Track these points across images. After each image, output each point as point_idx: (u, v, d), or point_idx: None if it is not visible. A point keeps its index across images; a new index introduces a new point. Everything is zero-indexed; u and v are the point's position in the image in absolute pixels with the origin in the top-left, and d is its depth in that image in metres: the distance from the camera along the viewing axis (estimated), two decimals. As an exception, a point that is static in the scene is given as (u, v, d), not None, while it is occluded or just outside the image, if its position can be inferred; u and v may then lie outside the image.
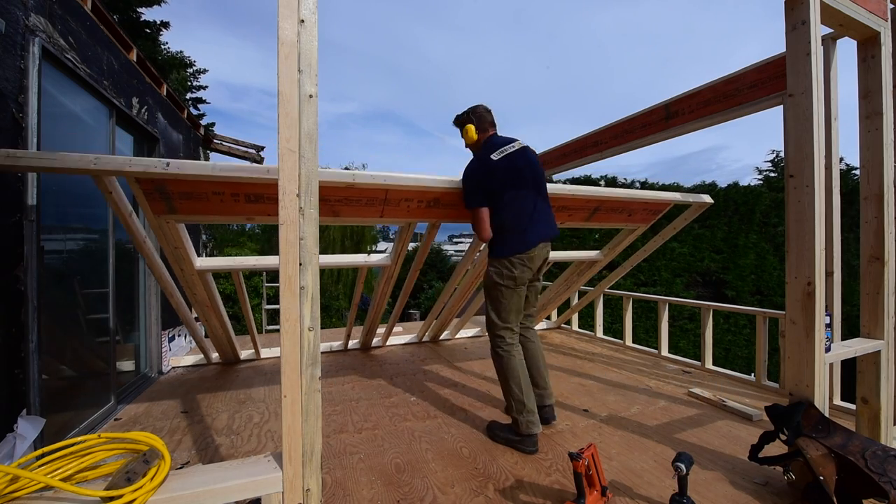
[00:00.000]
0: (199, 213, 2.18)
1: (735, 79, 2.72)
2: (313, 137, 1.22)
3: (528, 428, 2.12)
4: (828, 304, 1.93)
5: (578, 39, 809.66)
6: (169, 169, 1.83)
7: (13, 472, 0.97)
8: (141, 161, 1.84)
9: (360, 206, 2.35)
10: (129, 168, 1.81)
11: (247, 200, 2.13)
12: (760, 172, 14.49)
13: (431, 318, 4.37)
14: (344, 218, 2.43)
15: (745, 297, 9.25)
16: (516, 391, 2.18)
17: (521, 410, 2.15)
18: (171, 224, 2.27)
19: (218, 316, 3.19)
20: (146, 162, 1.83)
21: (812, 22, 1.74)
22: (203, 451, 2.16)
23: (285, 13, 1.18)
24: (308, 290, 1.21)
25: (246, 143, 5.76)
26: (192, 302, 3.02)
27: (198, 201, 2.09)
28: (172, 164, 1.85)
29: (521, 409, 2.15)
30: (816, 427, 1.66)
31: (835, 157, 2.41)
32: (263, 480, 1.17)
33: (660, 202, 3.15)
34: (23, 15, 1.93)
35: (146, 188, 1.96)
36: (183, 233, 2.42)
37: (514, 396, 2.18)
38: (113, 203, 2.11)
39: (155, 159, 1.84)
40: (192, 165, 1.91)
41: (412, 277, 3.51)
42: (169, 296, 2.95)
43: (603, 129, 3.88)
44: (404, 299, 3.81)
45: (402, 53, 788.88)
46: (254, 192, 2.09)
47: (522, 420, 2.13)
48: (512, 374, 2.21)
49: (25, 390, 1.87)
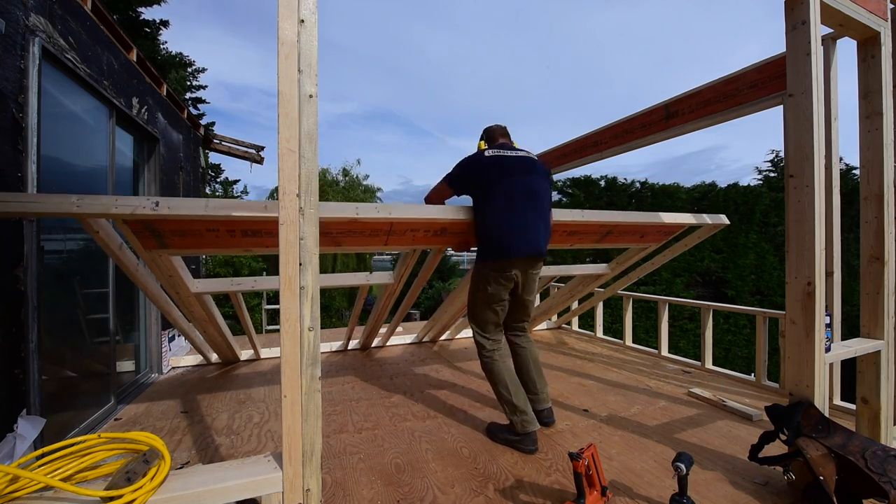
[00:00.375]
0: (193, 247, 2.08)
1: (735, 79, 2.72)
2: (313, 137, 1.22)
3: (524, 427, 2.12)
4: (828, 304, 1.93)
5: (578, 39, 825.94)
6: (158, 209, 1.66)
7: (13, 472, 0.97)
8: (128, 202, 1.66)
9: (364, 237, 2.29)
10: (114, 210, 1.63)
11: (243, 235, 2.02)
12: (760, 172, 14.49)
13: (431, 324, 4.37)
14: (347, 247, 2.39)
15: (745, 297, 9.25)
16: (504, 394, 2.19)
17: (514, 411, 2.15)
18: (164, 256, 2.16)
19: (217, 328, 3.18)
20: (133, 202, 1.66)
21: (812, 22, 1.74)
22: (203, 451, 2.16)
23: (285, 13, 1.18)
24: (308, 290, 1.21)
25: (246, 143, 5.76)
26: (189, 318, 2.98)
27: (191, 237, 1.97)
28: (162, 203, 1.67)
29: (513, 409, 2.15)
30: (816, 427, 1.66)
31: (835, 157, 2.41)
32: (263, 480, 1.17)
33: (674, 225, 3.00)
34: (23, 15, 1.93)
35: (135, 228, 1.83)
36: (177, 261, 2.32)
37: (503, 399, 2.20)
38: (101, 241, 1.97)
39: (143, 198, 1.67)
40: (183, 205, 1.74)
41: (414, 293, 3.50)
42: (166, 314, 2.89)
43: (603, 129, 3.88)
44: (404, 311, 3.82)
45: (402, 53, 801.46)
46: (251, 227, 1.97)
47: (516, 420, 2.14)
48: (497, 377, 2.22)
49: (25, 390, 1.87)
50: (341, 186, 17.57)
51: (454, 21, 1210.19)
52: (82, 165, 2.56)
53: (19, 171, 1.88)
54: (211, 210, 1.74)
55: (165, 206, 1.68)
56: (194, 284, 2.63)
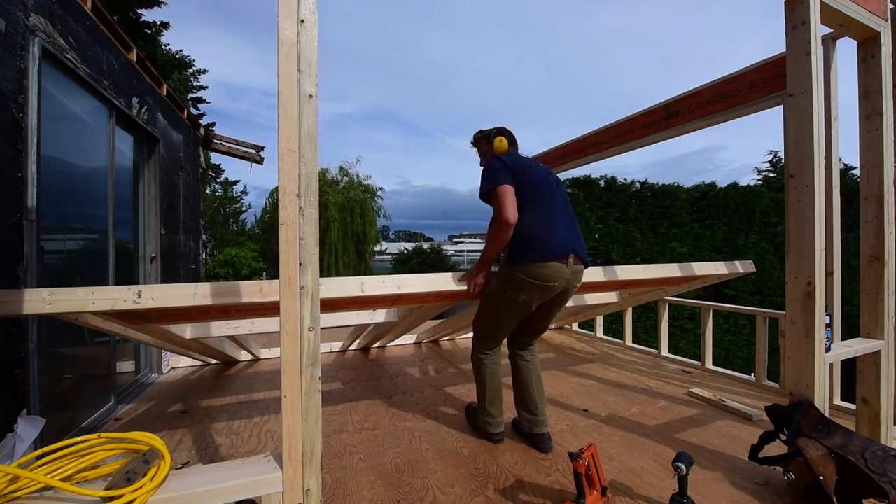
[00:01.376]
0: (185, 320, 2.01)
1: (735, 79, 2.72)
2: (313, 137, 1.22)
3: (485, 427, 2.20)
4: (828, 304, 1.93)
5: (577, 39, 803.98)
6: (141, 302, 1.47)
7: (13, 472, 0.97)
8: (107, 294, 1.45)
9: (369, 304, 2.26)
10: (92, 306, 1.44)
11: (238, 311, 1.97)
12: (759, 172, 14.49)
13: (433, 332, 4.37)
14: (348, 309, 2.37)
15: (745, 297, 9.25)
16: (480, 396, 2.22)
17: (482, 411, 2.22)
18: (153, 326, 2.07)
19: (215, 352, 3.17)
20: (113, 294, 1.46)
21: (812, 22, 1.74)
22: (203, 451, 2.16)
23: (285, 13, 1.18)
24: (308, 290, 1.21)
25: (246, 143, 5.75)
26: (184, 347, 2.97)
27: (181, 316, 1.88)
28: (145, 293, 1.48)
29: (482, 410, 2.22)
30: (816, 427, 1.66)
31: (835, 157, 2.41)
32: (263, 480, 1.17)
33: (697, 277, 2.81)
34: (23, 15, 1.92)
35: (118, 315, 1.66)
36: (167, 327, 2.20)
37: (478, 398, 2.25)
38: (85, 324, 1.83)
39: (123, 289, 1.46)
40: (169, 294, 1.53)
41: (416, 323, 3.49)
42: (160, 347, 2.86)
43: (603, 129, 3.88)
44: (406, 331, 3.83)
45: (401, 53, 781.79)
46: (247, 306, 1.84)
47: (481, 418, 2.22)
48: (482, 381, 2.19)
49: (25, 390, 1.87)
50: (341, 186, 17.58)
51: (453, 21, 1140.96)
52: (82, 165, 2.56)
53: (19, 171, 1.88)
54: (200, 299, 1.56)
55: (149, 298, 1.48)
56: (187, 332, 2.59)
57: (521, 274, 1.90)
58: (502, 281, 1.98)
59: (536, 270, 1.88)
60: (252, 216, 26.42)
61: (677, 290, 3.29)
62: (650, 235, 9.20)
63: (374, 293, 1.83)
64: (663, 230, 9.24)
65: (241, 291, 1.62)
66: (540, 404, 2.16)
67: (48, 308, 1.42)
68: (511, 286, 1.94)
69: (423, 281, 2.00)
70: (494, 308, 2.07)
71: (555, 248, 1.90)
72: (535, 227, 1.91)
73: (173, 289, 1.54)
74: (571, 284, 2.00)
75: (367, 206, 17.45)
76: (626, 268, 2.48)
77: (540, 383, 2.22)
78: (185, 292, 1.54)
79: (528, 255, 1.88)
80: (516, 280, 1.92)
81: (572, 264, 1.95)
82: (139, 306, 1.47)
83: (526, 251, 1.89)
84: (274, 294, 1.61)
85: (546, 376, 3.23)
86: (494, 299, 2.05)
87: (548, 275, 1.89)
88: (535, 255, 1.88)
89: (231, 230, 18.04)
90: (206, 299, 1.57)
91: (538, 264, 1.88)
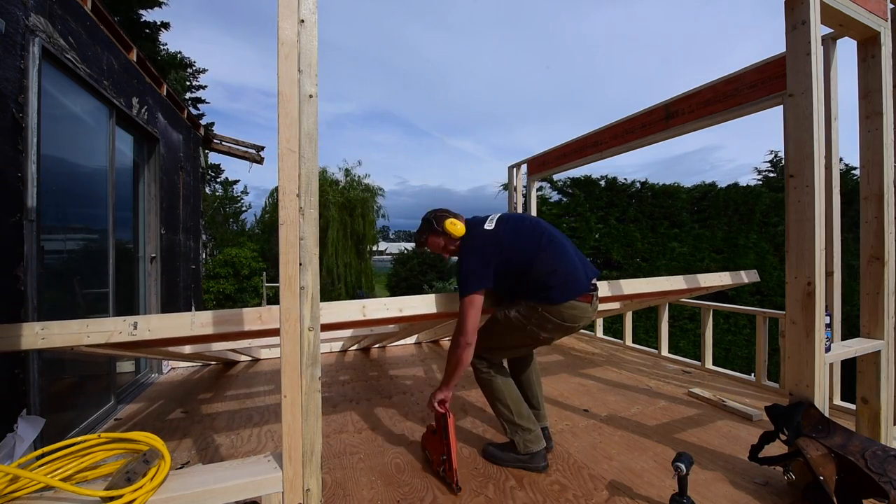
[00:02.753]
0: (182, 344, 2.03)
1: (735, 79, 2.72)
2: (313, 137, 1.22)
3: (527, 447, 1.91)
4: (828, 304, 1.93)
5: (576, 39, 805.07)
6: (137, 333, 1.44)
7: (13, 472, 0.97)
8: (101, 327, 1.42)
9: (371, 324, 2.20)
10: (87, 339, 1.40)
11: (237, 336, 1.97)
12: (760, 172, 14.50)
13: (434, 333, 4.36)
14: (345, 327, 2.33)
15: (745, 297, 9.24)
16: (504, 411, 1.95)
17: (516, 430, 1.94)
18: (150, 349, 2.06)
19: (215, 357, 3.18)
20: (108, 327, 1.42)
21: (812, 22, 1.73)
22: (203, 451, 2.16)
23: (285, 13, 1.18)
24: (308, 290, 1.21)
25: (246, 143, 5.75)
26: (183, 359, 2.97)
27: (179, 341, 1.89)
28: (142, 324, 1.44)
29: (515, 428, 1.94)
30: (816, 427, 1.66)
31: (835, 157, 2.41)
32: (263, 480, 1.17)
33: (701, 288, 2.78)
34: (23, 15, 1.93)
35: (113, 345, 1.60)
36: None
37: (504, 417, 1.96)
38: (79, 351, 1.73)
39: (119, 321, 1.43)
40: (166, 324, 1.49)
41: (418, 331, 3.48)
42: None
43: (603, 129, 3.88)
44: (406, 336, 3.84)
45: (400, 53, 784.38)
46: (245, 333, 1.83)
47: (519, 440, 1.93)
48: (496, 393, 1.97)
49: (25, 390, 1.87)
50: (341, 186, 17.58)
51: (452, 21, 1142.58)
52: (82, 165, 2.56)
53: (19, 171, 1.88)
54: (198, 328, 1.52)
55: (145, 329, 1.45)
56: (186, 349, 2.61)
57: (548, 314, 1.82)
58: (524, 316, 1.86)
59: (564, 311, 1.82)
60: (252, 216, 26.45)
61: (679, 298, 3.28)
62: (650, 235, 9.19)
63: (376, 316, 1.79)
64: (664, 230, 9.23)
65: (240, 320, 1.58)
66: (540, 397, 2.18)
67: (41, 343, 1.38)
68: (534, 323, 1.86)
69: (426, 302, 1.95)
70: (510, 337, 1.95)
71: (581, 283, 1.84)
72: (556, 268, 1.83)
73: (170, 318, 1.51)
74: (590, 317, 1.94)
75: (367, 206, 17.45)
76: (631, 282, 2.42)
77: (538, 376, 2.21)
78: (182, 322, 1.51)
79: (556, 297, 1.80)
80: (542, 318, 1.84)
81: (595, 301, 1.92)
82: (135, 338, 1.44)
83: (553, 293, 1.81)
84: (273, 321, 1.59)
85: (545, 376, 3.23)
86: (512, 330, 1.91)
87: (575, 315, 1.84)
88: (563, 295, 1.81)
89: (231, 230, 18.04)
90: (205, 329, 1.53)
91: (567, 304, 1.82)
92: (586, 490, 1.75)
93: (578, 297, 1.83)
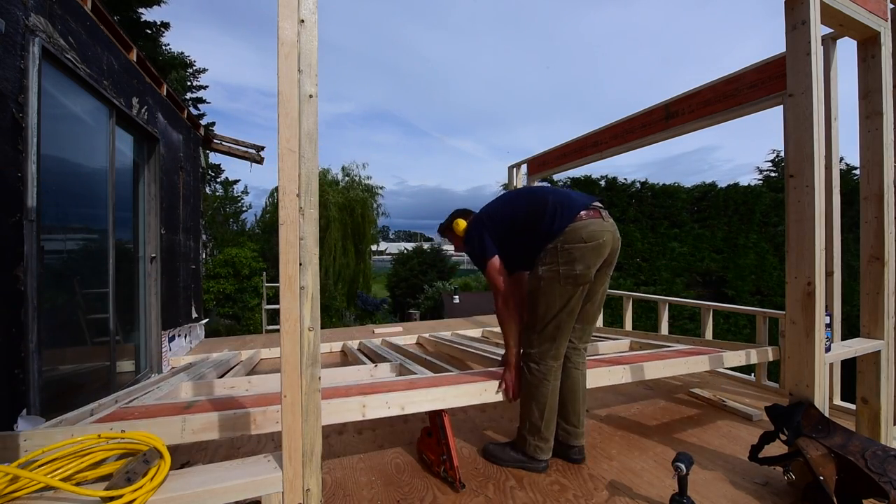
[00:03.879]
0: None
1: (735, 79, 2.72)
2: (313, 137, 1.22)
3: (535, 452, 1.86)
4: (828, 304, 1.93)
5: (575, 39, 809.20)
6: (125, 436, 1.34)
7: (13, 472, 0.97)
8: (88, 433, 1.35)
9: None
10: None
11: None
12: (761, 172, 14.50)
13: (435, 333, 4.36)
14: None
15: (745, 297, 9.25)
16: (535, 415, 1.85)
17: (534, 433, 1.86)
18: None
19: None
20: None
21: (812, 22, 1.73)
22: (203, 451, 2.16)
23: (285, 13, 1.18)
24: (308, 290, 1.21)
25: (246, 143, 5.76)
26: None
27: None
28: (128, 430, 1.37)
29: (535, 432, 1.86)
30: (816, 427, 1.66)
31: (835, 157, 2.41)
32: (263, 480, 1.17)
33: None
34: (23, 15, 1.93)
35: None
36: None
37: (530, 419, 1.87)
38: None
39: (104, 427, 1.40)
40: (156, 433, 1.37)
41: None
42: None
43: (603, 129, 3.88)
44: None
45: (400, 53, 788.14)
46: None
47: (532, 443, 1.86)
48: (539, 398, 1.85)
49: (25, 390, 1.87)
50: (341, 186, 17.58)
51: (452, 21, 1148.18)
52: (82, 165, 2.56)
53: (19, 171, 1.88)
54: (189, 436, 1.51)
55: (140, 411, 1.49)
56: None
57: (567, 243, 1.74)
58: (549, 264, 1.77)
59: (579, 231, 1.74)
60: (252, 216, 26.45)
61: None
62: (650, 235, 9.20)
63: (376, 416, 1.73)
64: (664, 230, 9.24)
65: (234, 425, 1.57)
66: (582, 415, 1.99)
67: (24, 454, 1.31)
68: (562, 263, 1.74)
69: (431, 396, 1.81)
70: (551, 299, 1.78)
71: (577, 202, 1.80)
72: (547, 200, 1.83)
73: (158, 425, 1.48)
74: (616, 240, 1.85)
75: (367, 206, 17.44)
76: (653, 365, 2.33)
77: (585, 392, 2.02)
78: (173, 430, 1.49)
79: (560, 224, 1.75)
80: (564, 253, 1.73)
81: (607, 216, 1.83)
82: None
83: (556, 222, 1.76)
84: (269, 425, 1.59)
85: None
86: (549, 290, 1.78)
87: (594, 231, 1.74)
88: (566, 218, 1.75)
89: (231, 230, 18.03)
90: (197, 435, 1.52)
91: (576, 224, 1.74)
92: (586, 490, 1.75)
93: (584, 215, 1.76)
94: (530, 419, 1.88)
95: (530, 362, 1.88)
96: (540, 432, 1.86)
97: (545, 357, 1.85)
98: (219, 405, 1.70)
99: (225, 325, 11.59)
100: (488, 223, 1.99)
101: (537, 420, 1.85)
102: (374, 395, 1.74)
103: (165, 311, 3.64)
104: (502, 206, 2.02)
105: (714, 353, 2.57)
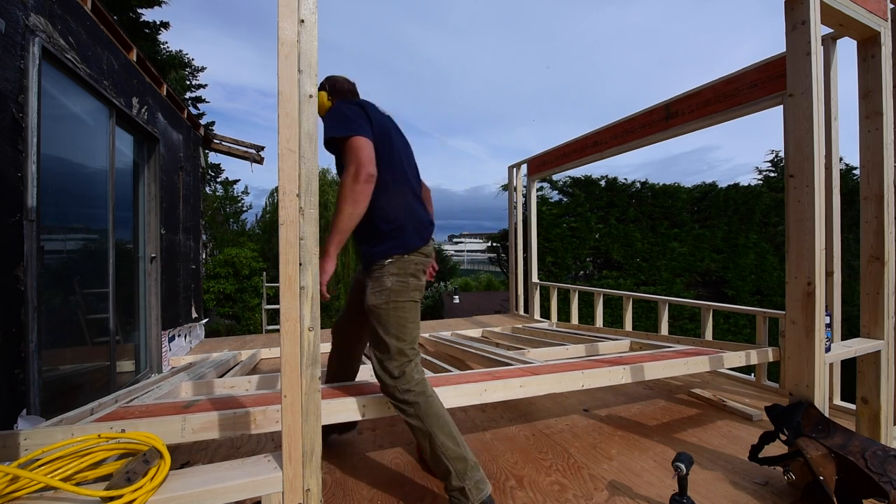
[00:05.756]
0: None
1: (735, 79, 2.72)
2: (313, 137, 1.22)
3: (480, 489, 1.46)
4: (828, 304, 1.93)
5: (575, 39, 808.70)
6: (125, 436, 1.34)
7: (13, 472, 0.97)
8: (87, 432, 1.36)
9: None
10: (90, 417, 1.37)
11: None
12: (760, 172, 14.51)
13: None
14: None
15: (745, 297, 9.25)
16: (450, 445, 1.47)
17: (465, 469, 1.46)
18: None
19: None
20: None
21: (812, 22, 1.74)
22: (203, 451, 2.16)
23: (285, 13, 1.18)
24: (308, 290, 1.21)
25: (246, 143, 5.76)
26: None
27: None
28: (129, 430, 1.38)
29: (465, 469, 1.46)
30: (816, 427, 1.66)
31: (835, 157, 2.41)
32: (263, 480, 1.17)
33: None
34: (23, 15, 1.93)
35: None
36: None
37: (449, 456, 1.46)
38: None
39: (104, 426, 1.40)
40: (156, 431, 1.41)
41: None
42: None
43: (603, 129, 3.88)
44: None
45: (399, 54, 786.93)
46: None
47: (469, 482, 1.44)
48: (440, 420, 1.51)
49: (25, 390, 1.87)
50: (341, 186, 17.56)
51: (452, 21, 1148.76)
52: (82, 165, 2.56)
53: (19, 171, 1.88)
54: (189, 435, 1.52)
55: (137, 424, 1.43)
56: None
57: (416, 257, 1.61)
58: (396, 275, 1.56)
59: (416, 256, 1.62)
60: (252, 216, 26.45)
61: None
62: (650, 235, 9.20)
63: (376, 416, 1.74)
64: (664, 230, 9.24)
65: (234, 425, 1.56)
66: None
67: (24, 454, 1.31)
68: (411, 273, 1.60)
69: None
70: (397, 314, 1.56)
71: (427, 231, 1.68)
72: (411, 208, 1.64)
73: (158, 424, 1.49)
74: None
75: (367, 206, 17.40)
76: (653, 365, 2.35)
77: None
78: (173, 429, 1.50)
79: (414, 241, 1.61)
80: (413, 265, 1.60)
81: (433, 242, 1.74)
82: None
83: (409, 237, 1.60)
84: (269, 424, 1.59)
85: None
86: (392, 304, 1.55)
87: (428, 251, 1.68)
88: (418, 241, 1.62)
89: (231, 230, 18.02)
90: (197, 435, 1.53)
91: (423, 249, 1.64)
92: (586, 490, 1.75)
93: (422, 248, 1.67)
94: (448, 456, 1.47)
95: (400, 387, 1.53)
96: (463, 458, 1.47)
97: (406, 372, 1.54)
98: (219, 405, 1.70)
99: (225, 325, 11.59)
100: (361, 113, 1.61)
101: (456, 449, 1.48)
102: (374, 394, 1.75)
103: (165, 311, 3.64)
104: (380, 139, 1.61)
105: (714, 354, 2.58)
